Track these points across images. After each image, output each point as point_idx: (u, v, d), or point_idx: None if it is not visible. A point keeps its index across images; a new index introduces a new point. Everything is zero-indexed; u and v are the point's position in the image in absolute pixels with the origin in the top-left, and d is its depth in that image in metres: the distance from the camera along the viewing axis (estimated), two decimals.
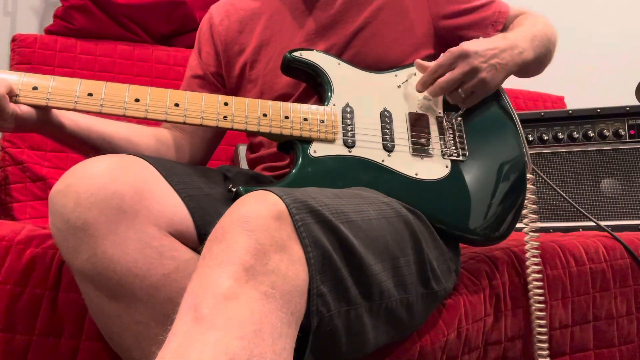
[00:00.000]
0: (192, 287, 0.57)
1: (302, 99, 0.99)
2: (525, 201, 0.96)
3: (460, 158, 0.94)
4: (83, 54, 1.64)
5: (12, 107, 0.76)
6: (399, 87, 0.97)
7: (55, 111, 0.83)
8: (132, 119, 0.82)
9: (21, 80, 0.77)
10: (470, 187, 0.93)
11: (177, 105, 0.83)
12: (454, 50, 0.90)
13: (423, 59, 0.99)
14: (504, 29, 1.06)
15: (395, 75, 0.98)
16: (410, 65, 0.99)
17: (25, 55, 1.56)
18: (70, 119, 0.85)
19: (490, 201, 0.93)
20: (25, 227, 0.89)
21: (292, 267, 0.59)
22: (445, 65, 0.90)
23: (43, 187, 1.45)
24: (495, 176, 0.95)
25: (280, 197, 0.62)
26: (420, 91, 0.95)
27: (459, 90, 0.91)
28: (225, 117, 0.84)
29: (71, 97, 0.79)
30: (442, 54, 0.92)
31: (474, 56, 0.89)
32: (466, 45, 0.90)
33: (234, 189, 0.81)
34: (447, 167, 0.93)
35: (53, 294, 0.83)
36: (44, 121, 0.81)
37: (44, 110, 0.80)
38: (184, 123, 0.83)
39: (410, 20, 1.01)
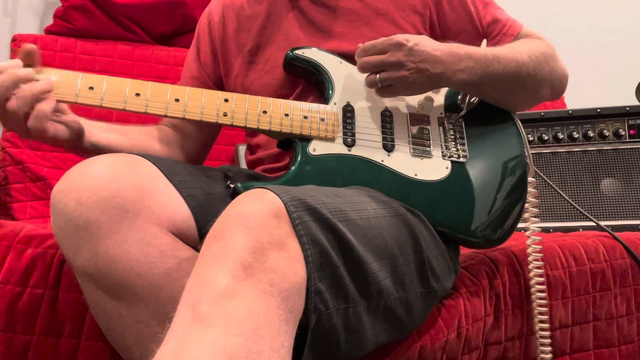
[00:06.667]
0: (190, 285, 0.57)
1: (299, 100, 0.99)
2: (527, 204, 0.96)
3: (461, 159, 0.94)
4: (83, 54, 1.64)
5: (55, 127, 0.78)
6: None
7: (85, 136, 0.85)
8: (131, 113, 0.83)
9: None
10: (470, 189, 0.93)
11: (177, 100, 0.83)
12: (392, 37, 0.86)
13: None
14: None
15: None
16: None
17: None
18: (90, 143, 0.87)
19: (490, 203, 0.93)
20: (25, 227, 0.89)
21: (291, 264, 0.59)
22: (377, 48, 0.86)
23: (43, 187, 1.45)
24: (496, 179, 0.95)
25: (279, 195, 0.62)
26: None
27: (377, 75, 0.87)
28: (225, 113, 0.85)
29: (72, 90, 0.79)
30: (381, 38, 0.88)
31: (406, 52, 0.85)
32: (406, 39, 0.85)
33: (232, 185, 0.81)
34: (447, 168, 0.93)
35: (53, 293, 0.83)
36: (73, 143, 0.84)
37: (77, 135, 0.83)
38: (184, 119, 0.84)
39: (409, 30, 1.00)
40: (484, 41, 1.01)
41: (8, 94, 0.73)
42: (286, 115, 0.87)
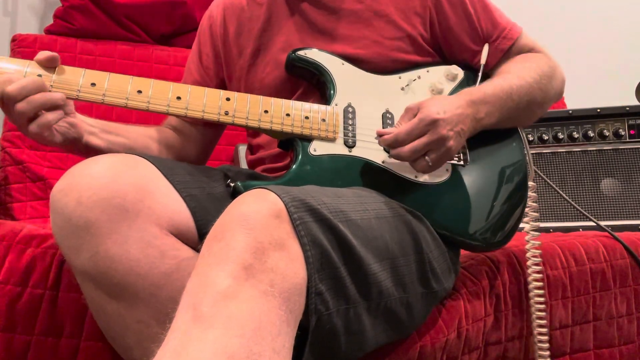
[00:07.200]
0: (191, 285, 0.57)
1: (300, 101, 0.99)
2: (527, 209, 0.96)
3: (461, 163, 0.94)
4: (83, 54, 1.64)
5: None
6: (402, 89, 0.97)
7: (83, 139, 0.85)
8: (133, 110, 0.83)
9: (25, 70, 0.79)
10: (470, 192, 0.93)
11: (179, 98, 0.83)
12: (423, 117, 0.83)
13: (421, 64, 0.99)
14: (510, 51, 1.03)
15: (399, 78, 0.98)
16: (414, 67, 0.99)
17: (25, 55, 1.56)
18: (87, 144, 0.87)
19: (490, 207, 0.93)
20: (25, 227, 0.89)
21: (291, 265, 0.59)
22: (414, 133, 0.82)
23: (43, 187, 1.45)
24: (496, 182, 0.95)
25: (279, 196, 0.63)
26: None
27: (426, 157, 0.84)
28: (226, 112, 0.85)
29: (74, 86, 0.79)
30: (407, 118, 0.85)
31: (442, 125, 0.83)
32: (436, 112, 0.83)
33: (232, 184, 0.81)
34: (447, 170, 0.92)
35: (53, 294, 0.83)
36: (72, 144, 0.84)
37: (72, 142, 0.83)
38: (185, 116, 0.84)
39: (409, 32, 1.00)
40: (486, 45, 1.01)
41: (20, 96, 0.75)
42: (287, 115, 0.87)
